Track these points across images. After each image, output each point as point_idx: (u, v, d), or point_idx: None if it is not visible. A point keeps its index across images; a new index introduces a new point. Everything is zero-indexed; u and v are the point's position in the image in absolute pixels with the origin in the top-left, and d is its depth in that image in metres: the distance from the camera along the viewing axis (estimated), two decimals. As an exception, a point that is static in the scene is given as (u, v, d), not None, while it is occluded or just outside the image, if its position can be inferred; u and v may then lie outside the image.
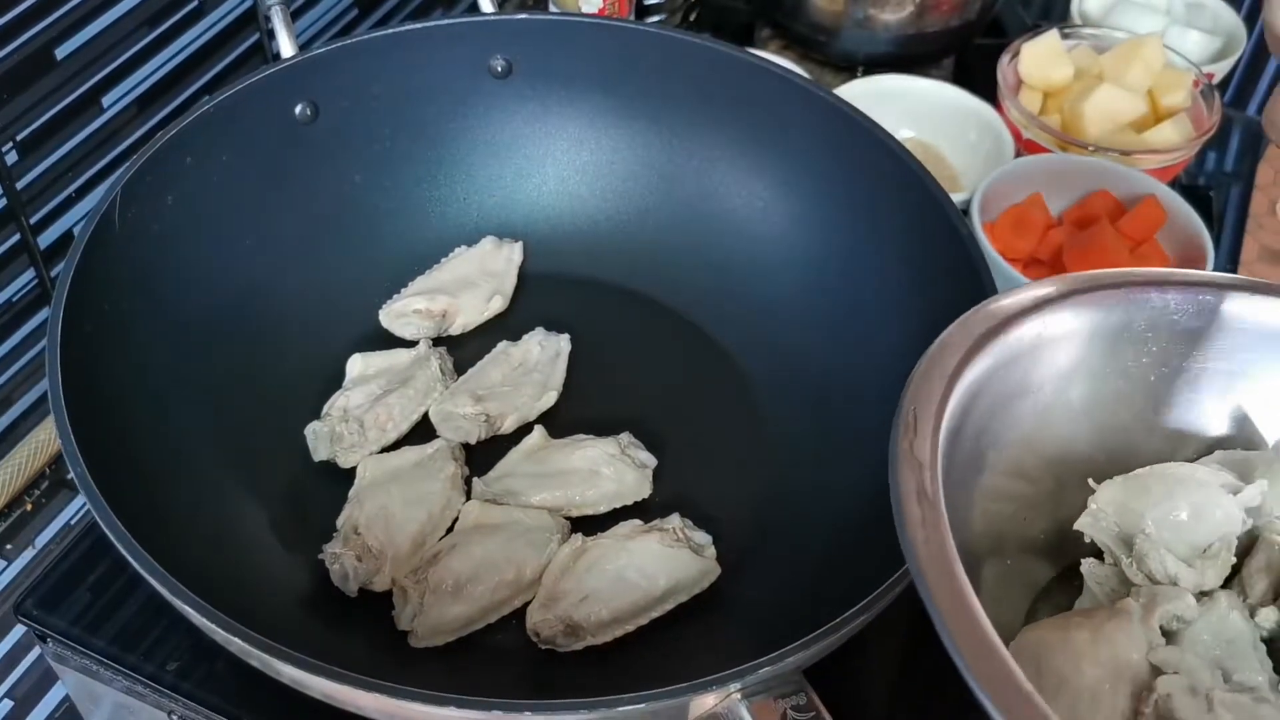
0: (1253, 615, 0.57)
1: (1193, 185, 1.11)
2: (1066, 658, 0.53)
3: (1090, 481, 0.61)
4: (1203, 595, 0.57)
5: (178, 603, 0.57)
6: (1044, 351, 0.59)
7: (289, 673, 0.56)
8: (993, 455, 0.58)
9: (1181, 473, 0.60)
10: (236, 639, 0.55)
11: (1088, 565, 0.60)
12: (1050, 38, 1.03)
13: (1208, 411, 0.63)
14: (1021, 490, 0.61)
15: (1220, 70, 1.10)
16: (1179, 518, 0.58)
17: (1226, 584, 0.58)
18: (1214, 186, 1.13)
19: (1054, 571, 0.64)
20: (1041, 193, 0.95)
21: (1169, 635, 0.55)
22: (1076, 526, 0.60)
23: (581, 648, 0.67)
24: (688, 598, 0.69)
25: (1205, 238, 0.90)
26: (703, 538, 0.71)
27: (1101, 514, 0.60)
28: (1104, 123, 0.99)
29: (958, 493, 0.52)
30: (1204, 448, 0.64)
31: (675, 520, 0.71)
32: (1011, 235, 0.92)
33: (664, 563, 0.69)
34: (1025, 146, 1.01)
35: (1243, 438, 0.64)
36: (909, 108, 1.05)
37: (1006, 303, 0.58)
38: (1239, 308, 0.61)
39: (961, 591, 0.46)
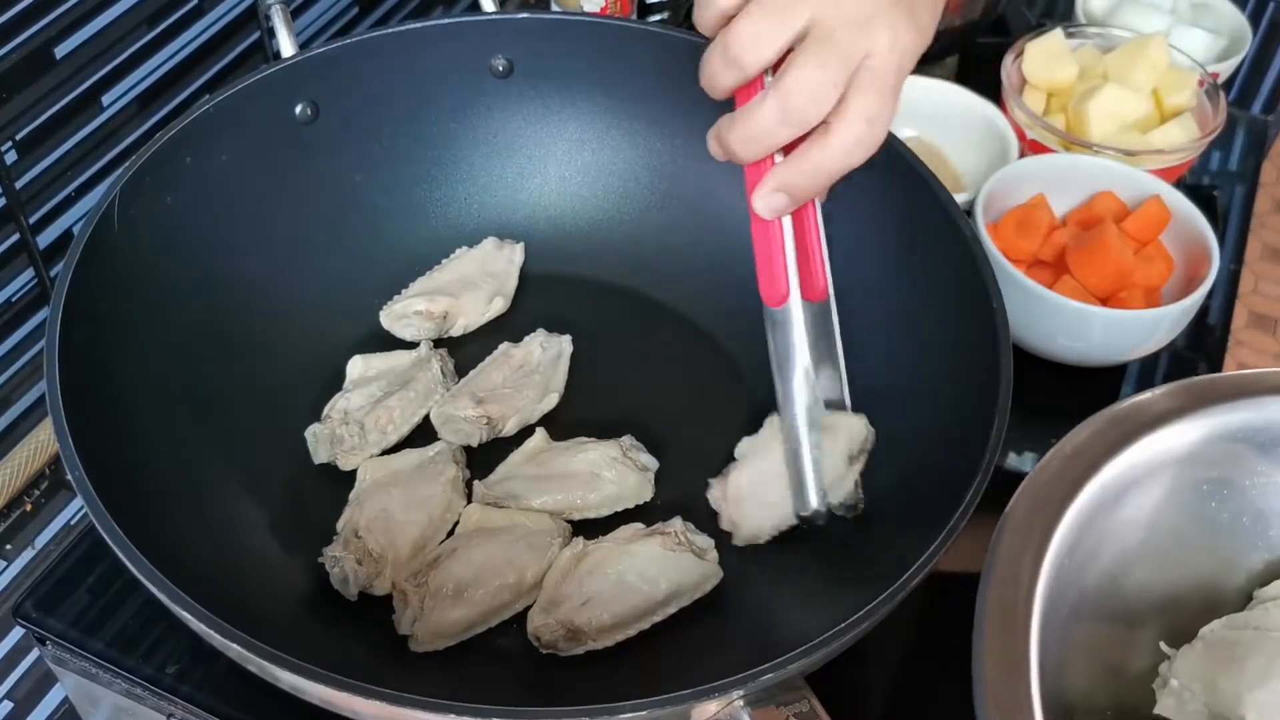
0: None
1: (1197, 185, 1.10)
2: None
3: (1163, 645, 0.54)
4: None
5: (175, 608, 0.56)
6: (1132, 490, 0.54)
7: (287, 679, 0.55)
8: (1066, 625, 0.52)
9: (1265, 638, 0.53)
10: (234, 645, 0.55)
11: None
12: (1054, 37, 1.03)
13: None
14: (1099, 651, 0.55)
15: (1225, 70, 1.09)
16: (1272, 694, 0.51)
17: None
18: (1218, 186, 1.12)
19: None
20: (1045, 193, 0.94)
21: None
22: (1158, 711, 0.54)
23: (583, 652, 0.67)
24: (690, 601, 0.69)
25: (1210, 238, 0.90)
26: (705, 541, 0.71)
27: (1185, 691, 0.53)
28: (1108, 123, 0.99)
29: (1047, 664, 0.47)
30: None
31: (677, 524, 0.70)
32: (1015, 236, 0.91)
33: (665, 566, 0.68)
34: (1029, 147, 1.00)
35: None
36: (912, 107, 1.04)
37: (1061, 457, 0.54)
38: None
39: None
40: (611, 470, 0.74)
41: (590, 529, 0.73)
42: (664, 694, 0.54)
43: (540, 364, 0.81)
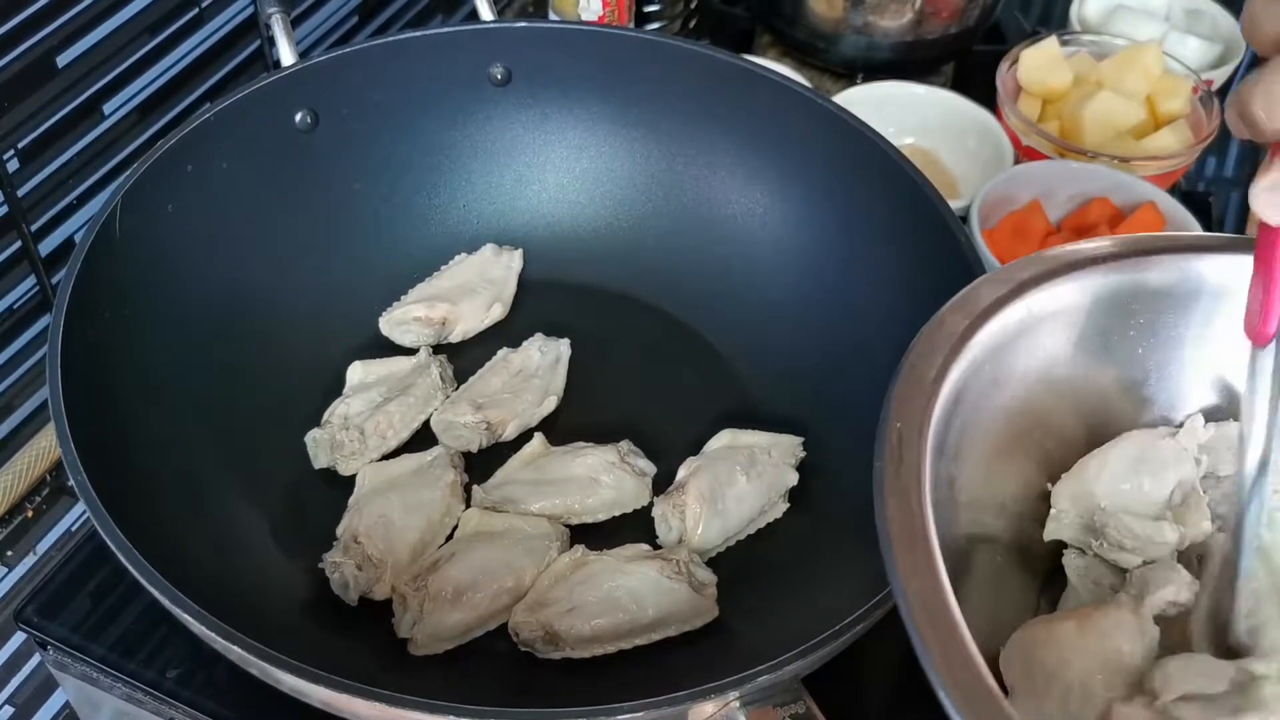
0: None
1: (1191, 191, 1.11)
2: (1052, 651, 0.52)
3: (1049, 485, 0.59)
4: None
5: (178, 611, 0.57)
6: (1026, 338, 0.56)
7: (289, 681, 0.56)
8: (974, 451, 0.55)
9: (1120, 442, 0.58)
10: (236, 647, 0.55)
11: (1067, 557, 0.58)
12: (1049, 44, 1.04)
13: (1198, 382, 0.61)
14: (1005, 486, 0.59)
15: (1220, 77, 1.10)
16: (1128, 481, 0.57)
17: None
18: (1213, 192, 1.13)
19: (1051, 565, 0.62)
20: (1040, 200, 0.95)
21: (1166, 622, 0.54)
22: (1045, 538, 0.58)
23: (559, 657, 0.67)
24: (677, 633, 0.68)
25: (1204, 244, 0.90)
26: (706, 576, 0.70)
27: (1062, 514, 0.58)
28: (1103, 129, 0.99)
29: (941, 496, 0.50)
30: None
31: (682, 553, 0.70)
32: (1011, 242, 0.92)
33: (657, 593, 0.68)
34: (1024, 153, 1.01)
35: (1230, 409, 0.61)
36: (908, 114, 1.05)
37: (985, 292, 0.56)
38: (1229, 269, 0.57)
39: (952, 625, 0.44)
40: (609, 475, 0.74)
41: (591, 534, 0.73)
42: (661, 695, 0.55)
43: (539, 368, 0.81)
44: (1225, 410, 0.61)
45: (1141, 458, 0.58)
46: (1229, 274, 0.58)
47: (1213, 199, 1.11)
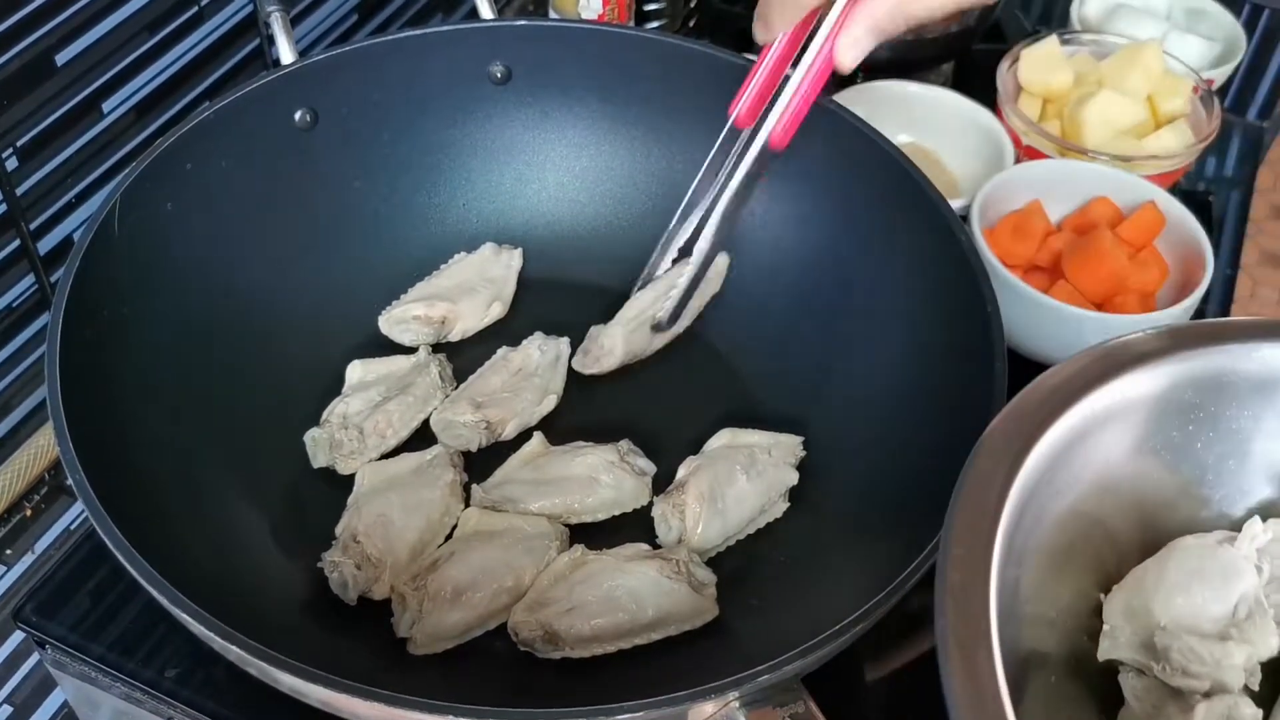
0: None
1: (1192, 190, 1.11)
2: None
3: (1101, 596, 0.55)
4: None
5: (176, 611, 0.56)
6: (1085, 441, 0.53)
7: (287, 681, 0.56)
8: (1031, 561, 0.51)
9: (1174, 551, 0.55)
10: (234, 647, 0.55)
11: (1125, 677, 0.54)
12: (1050, 44, 1.03)
13: (1258, 475, 0.58)
14: (1059, 598, 0.55)
15: (1220, 76, 1.10)
16: (1185, 595, 0.52)
17: None
18: (1214, 191, 1.13)
19: (1108, 684, 0.57)
20: (1041, 199, 0.95)
21: None
22: (1100, 657, 0.55)
23: (559, 657, 0.67)
24: (677, 632, 0.68)
25: (1205, 243, 0.90)
26: (706, 575, 0.70)
27: (1116, 630, 0.54)
28: (1103, 129, 0.99)
29: (1003, 611, 0.46)
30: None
31: (682, 553, 0.70)
32: (1011, 242, 0.92)
33: (657, 593, 0.68)
34: (1025, 153, 1.01)
35: None
36: (908, 113, 1.05)
37: (1044, 389, 0.52)
38: None
39: None
40: (609, 475, 0.74)
41: (591, 534, 0.73)
42: (661, 695, 0.55)
43: (539, 367, 0.81)
44: None
45: (1200, 570, 0.54)
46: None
47: (1213, 198, 1.11)
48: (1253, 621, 0.53)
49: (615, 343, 0.81)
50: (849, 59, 0.67)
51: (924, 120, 1.05)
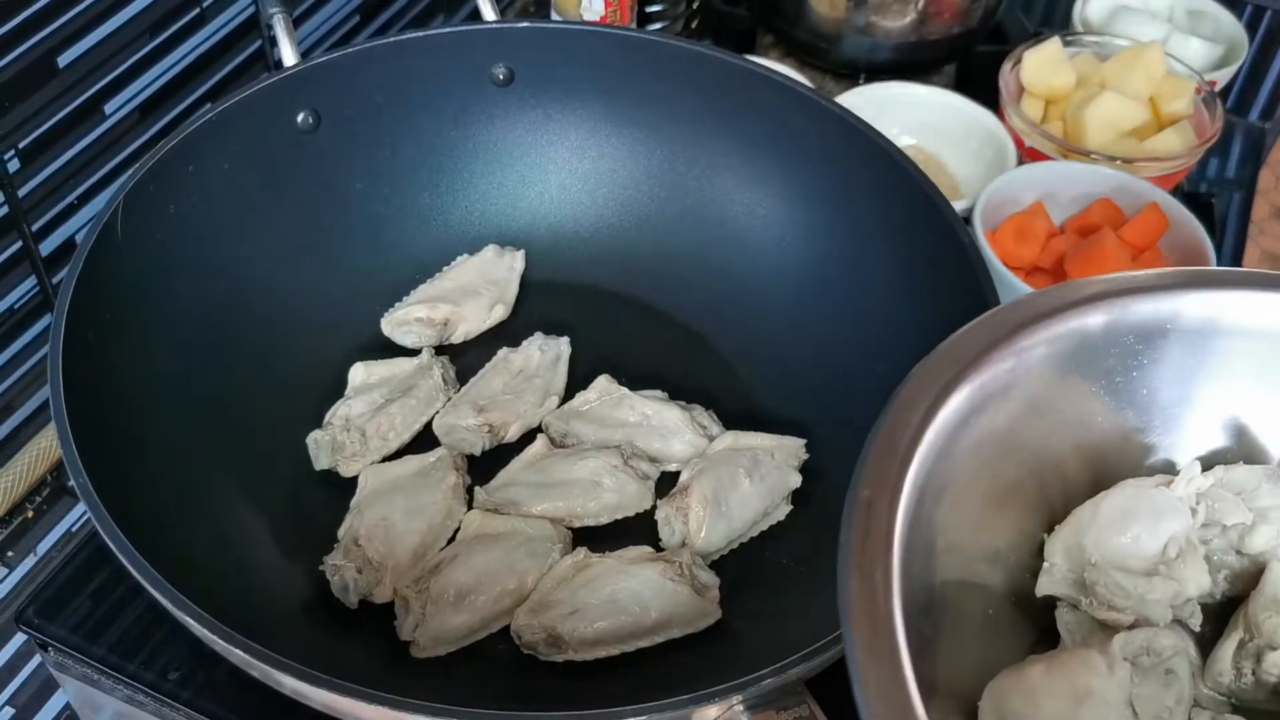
0: (1259, 660, 0.52)
1: (1194, 192, 1.11)
2: (1023, 696, 0.50)
3: (1045, 537, 0.56)
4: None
5: (179, 614, 0.56)
6: (1013, 389, 0.52)
7: (290, 684, 0.56)
8: (963, 496, 0.51)
9: (1112, 492, 0.55)
10: (237, 650, 0.55)
11: (1060, 612, 0.56)
12: (1052, 45, 1.03)
13: (1207, 424, 0.58)
14: (1000, 535, 0.56)
15: (1222, 78, 1.10)
16: (1118, 534, 0.53)
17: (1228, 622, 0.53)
18: (1216, 193, 1.13)
19: (1049, 619, 0.58)
20: (1043, 201, 0.95)
21: (1143, 672, 0.51)
22: (1037, 593, 0.56)
23: (562, 660, 0.67)
24: (680, 635, 0.68)
25: (1207, 244, 0.90)
26: (709, 578, 0.70)
27: (1054, 567, 0.56)
28: (1106, 130, 0.99)
29: (916, 553, 0.47)
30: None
31: (685, 555, 0.70)
32: (1014, 244, 0.92)
33: (661, 595, 0.68)
34: (1027, 154, 1.01)
35: (1241, 450, 0.58)
36: (910, 115, 1.05)
37: (966, 344, 0.52)
38: (1240, 308, 0.55)
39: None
40: (612, 478, 0.74)
41: (594, 537, 0.73)
42: (664, 698, 0.55)
43: (540, 367, 0.81)
44: (1234, 453, 0.58)
45: (1132, 508, 0.55)
46: (1246, 310, 0.55)
47: (1215, 199, 1.11)
48: (1182, 560, 0.53)
49: None
50: None
51: (926, 122, 1.05)
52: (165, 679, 0.72)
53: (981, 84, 1.08)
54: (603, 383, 0.79)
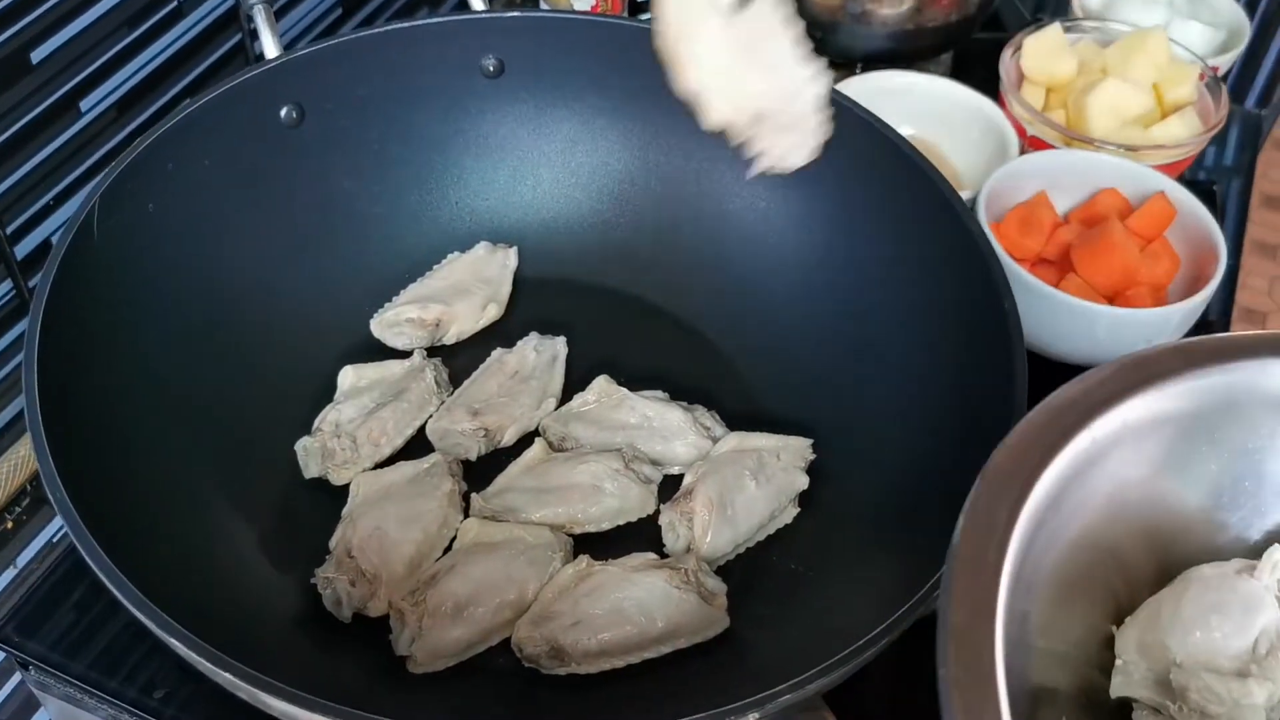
0: None
1: (1194, 180, 1.09)
2: None
3: (1113, 629, 0.53)
4: None
5: (162, 634, 0.54)
6: (1095, 467, 0.50)
7: (278, 706, 0.54)
8: (1041, 593, 0.49)
9: (1190, 582, 0.53)
10: (222, 670, 0.53)
11: (1139, 716, 0.52)
12: (1053, 31, 1.01)
13: (1275, 496, 0.56)
14: (1069, 631, 0.53)
15: (1225, 63, 1.08)
16: (1205, 631, 0.51)
17: None
18: (1216, 181, 1.11)
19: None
20: (1047, 191, 0.93)
21: None
22: (1112, 694, 0.53)
23: (565, 673, 0.65)
24: (688, 644, 0.66)
25: (1217, 234, 0.88)
26: (716, 585, 0.68)
27: (1130, 665, 0.52)
28: (1110, 118, 0.97)
29: (1011, 645, 0.44)
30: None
31: (690, 562, 0.68)
32: (1018, 234, 0.90)
33: (666, 604, 0.66)
34: (1029, 143, 0.99)
35: None
36: (909, 105, 1.02)
37: (1052, 410, 0.50)
38: None
39: None
40: (613, 482, 0.72)
41: (598, 546, 0.71)
42: (675, 714, 0.52)
43: (535, 369, 0.79)
44: None
45: (1218, 603, 0.52)
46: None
47: (1217, 188, 1.09)
48: (1274, 657, 0.51)
49: None
50: None
51: (926, 112, 1.03)
52: (151, 697, 0.69)
53: (979, 73, 1.06)
54: (602, 383, 0.77)
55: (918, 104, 1.03)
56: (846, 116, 0.79)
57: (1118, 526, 0.53)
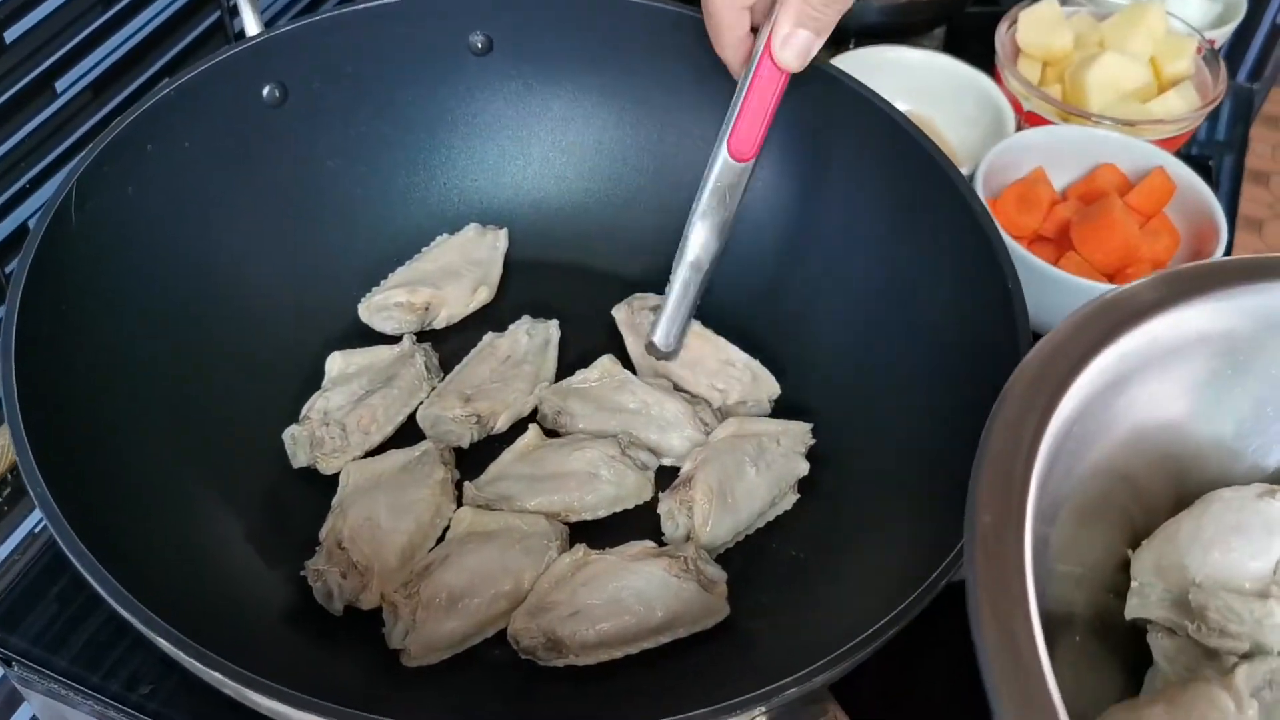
0: None
1: (1188, 155, 1.08)
2: None
3: (1129, 552, 0.53)
4: None
5: (148, 632, 0.53)
6: (1123, 385, 0.49)
7: (266, 704, 0.52)
8: (1063, 516, 0.49)
9: (1210, 504, 0.52)
10: (213, 672, 0.51)
11: (1153, 637, 0.52)
12: (1049, 4, 1.00)
13: None
14: (1086, 555, 0.53)
15: (1221, 36, 1.06)
16: (1225, 552, 0.50)
17: None
18: (1211, 156, 1.10)
19: (1136, 645, 0.55)
20: (1044, 167, 0.91)
21: (1267, 708, 0.47)
22: (1127, 615, 0.53)
23: (563, 664, 0.63)
24: (687, 634, 0.65)
25: (1217, 209, 0.87)
26: (715, 573, 0.67)
27: (1148, 587, 0.52)
28: (1107, 92, 0.96)
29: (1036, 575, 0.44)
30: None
31: (690, 550, 0.66)
32: (1016, 212, 0.88)
33: (666, 593, 0.64)
34: (1026, 118, 0.97)
35: None
36: (903, 80, 1.01)
37: (1071, 330, 0.50)
38: None
39: None
40: (610, 469, 0.70)
41: (594, 534, 0.69)
42: (674, 704, 0.51)
43: (528, 353, 0.77)
44: None
45: (1239, 524, 0.51)
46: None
47: (1212, 163, 1.08)
48: None
49: None
50: (788, 57, 0.67)
51: (920, 87, 1.01)
52: (137, 692, 0.68)
53: (974, 47, 1.04)
54: (606, 363, 0.76)
55: (912, 79, 1.01)
56: (843, 93, 0.77)
57: (1137, 452, 0.53)
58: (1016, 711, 0.38)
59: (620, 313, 0.79)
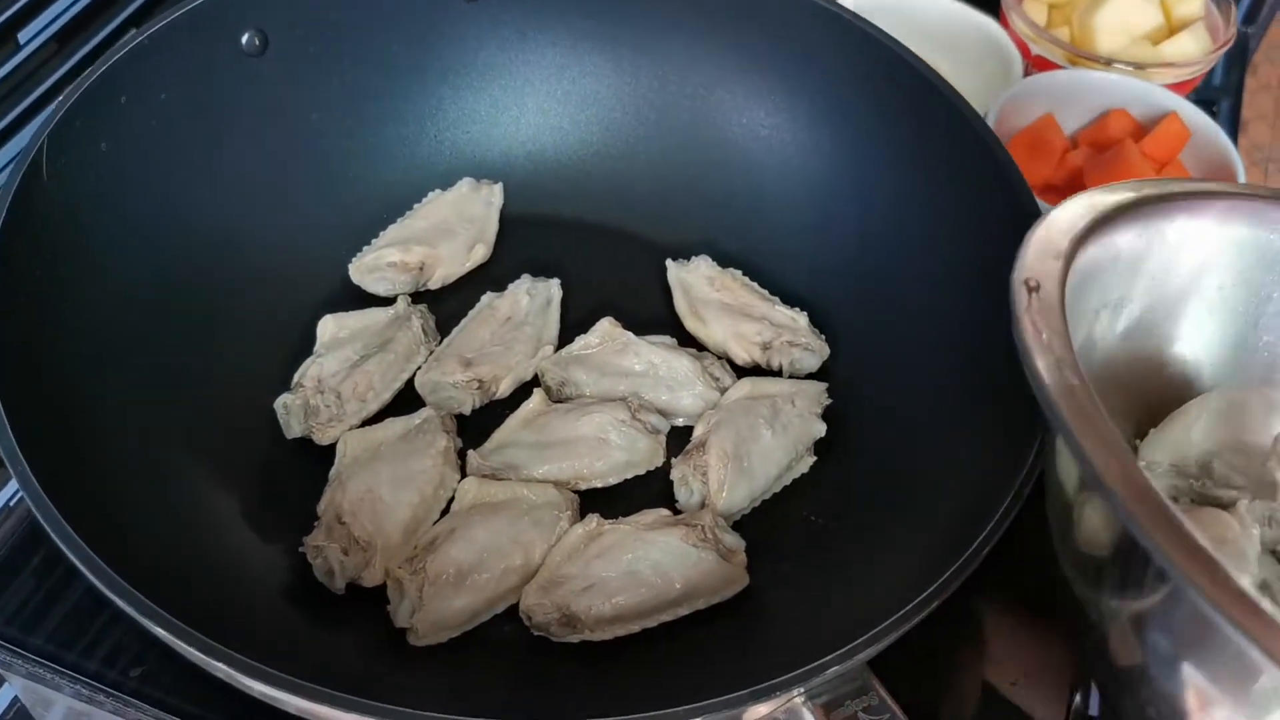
0: None
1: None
2: None
3: (1136, 443, 0.56)
4: None
5: (140, 617, 0.51)
6: (1160, 249, 0.56)
7: (259, 689, 0.50)
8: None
9: (1210, 396, 0.57)
10: (214, 661, 0.49)
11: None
12: (1055, -56, 0.96)
13: None
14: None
15: (1230, -24, 1.03)
16: (1232, 425, 0.55)
17: None
18: (1217, 101, 1.08)
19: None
20: (1054, 113, 0.88)
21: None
22: None
23: (577, 640, 0.61)
24: (705, 605, 0.62)
25: (1234, 155, 0.85)
26: (734, 541, 0.64)
27: (1154, 465, 0.56)
28: (1118, 35, 0.93)
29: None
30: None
31: (707, 518, 0.64)
32: (1027, 159, 0.85)
33: (684, 563, 0.62)
34: (1033, 63, 0.94)
35: None
36: (906, 24, 0.96)
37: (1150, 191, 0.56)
38: None
39: (1127, 464, 0.42)
40: (619, 434, 0.68)
41: (605, 503, 0.67)
42: (711, 692, 0.48)
43: (529, 314, 0.74)
44: None
45: (1239, 406, 0.55)
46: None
47: (1216, 108, 1.06)
48: None
49: None
50: None
51: (923, 31, 0.96)
52: (122, 674, 0.65)
53: (976, -11, 1.01)
54: (605, 325, 0.72)
55: (914, 23, 0.97)
56: (856, 34, 0.75)
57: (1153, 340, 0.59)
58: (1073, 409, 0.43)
59: (674, 270, 0.77)
